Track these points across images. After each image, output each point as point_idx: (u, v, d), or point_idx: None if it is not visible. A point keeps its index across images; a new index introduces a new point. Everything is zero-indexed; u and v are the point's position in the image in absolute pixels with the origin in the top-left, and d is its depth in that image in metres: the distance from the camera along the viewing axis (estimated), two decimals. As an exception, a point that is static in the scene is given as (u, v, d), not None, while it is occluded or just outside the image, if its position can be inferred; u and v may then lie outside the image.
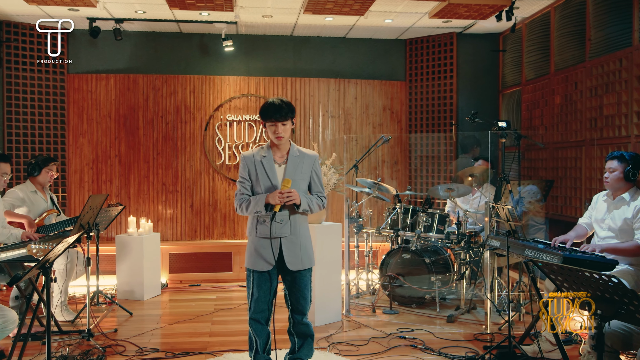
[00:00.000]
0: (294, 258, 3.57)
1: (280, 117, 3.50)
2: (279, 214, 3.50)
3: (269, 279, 3.61)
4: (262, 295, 3.59)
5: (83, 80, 7.37)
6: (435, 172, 7.70)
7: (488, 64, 7.68)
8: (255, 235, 3.60)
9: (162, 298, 6.38)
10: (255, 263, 3.59)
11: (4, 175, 4.71)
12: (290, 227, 3.56)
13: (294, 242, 3.58)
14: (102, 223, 5.61)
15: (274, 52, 7.68)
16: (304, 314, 3.68)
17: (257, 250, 3.57)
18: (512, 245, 4.18)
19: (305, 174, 3.64)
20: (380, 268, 5.93)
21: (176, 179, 7.52)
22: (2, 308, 3.57)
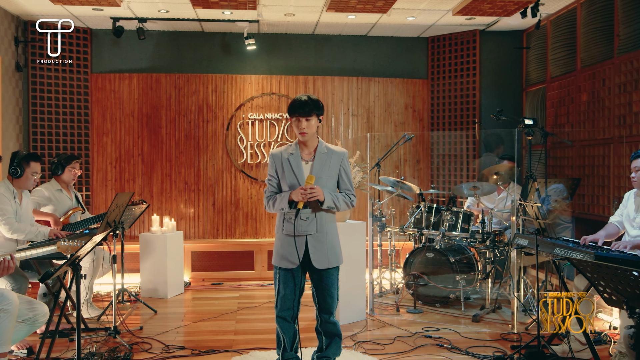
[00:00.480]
0: (320, 256, 3.55)
1: (304, 112, 3.49)
2: (303, 211, 3.49)
3: (294, 276, 3.59)
4: (288, 292, 3.57)
5: (106, 79, 7.41)
6: (458, 170, 7.64)
7: (511, 61, 7.59)
8: (282, 233, 3.59)
9: (185, 296, 6.41)
10: (280, 260, 3.59)
11: (34, 175, 4.76)
12: (317, 225, 3.54)
13: (320, 240, 3.55)
14: (126, 221, 5.66)
15: (295, 50, 7.67)
16: (330, 312, 3.66)
17: (283, 247, 3.56)
18: (541, 243, 4.12)
19: (332, 171, 3.60)
20: (404, 267, 5.90)
21: (198, 178, 7.53)
22: (33, 302, 3.60)
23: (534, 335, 4.66)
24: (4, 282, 4.30)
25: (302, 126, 3.51)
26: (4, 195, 4.55)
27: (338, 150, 3.67)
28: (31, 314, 3.52)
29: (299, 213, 3.42)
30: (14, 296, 3.36)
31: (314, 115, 3.52)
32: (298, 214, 3.42)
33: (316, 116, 3.54)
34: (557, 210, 5.66)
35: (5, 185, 4.64)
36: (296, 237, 3.51)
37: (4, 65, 6.42)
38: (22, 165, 4.66)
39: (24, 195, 4.81)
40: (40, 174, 4.85)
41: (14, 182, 4.69)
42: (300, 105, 3.49)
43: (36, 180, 4.80)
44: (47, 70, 7.06)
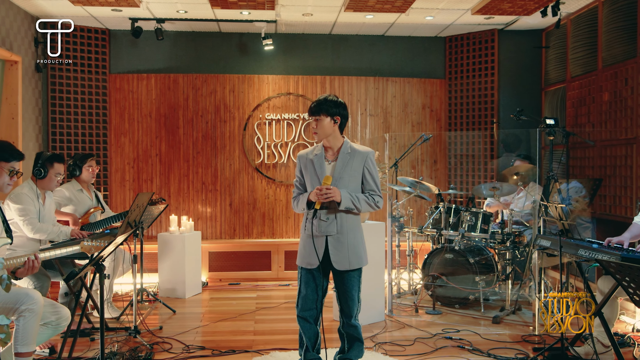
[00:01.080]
0: (340, 257, 3.52)
1: (312, 113, 3.55)
2: (322, 212, 3.49)
3: (315, 277, 3.58)
4: (309, 293, 3.56)
5: (124, 80, 7.45)
6: (476, 170, 7.59)
7: (530, 60, 7.53)
8: (304, 233, 3.59)
9: (203, 296, 6.43)
10: (302, 260, 3.59)
11: (58, 176, 4.79)
12: (337, 226, 3.51)
13: (340, 241, 3.53)
14: (145, 221, 5.65)
15: (312, 50, 7.66)
16: (351, 315, 3.63)
17: (305, 247, 3.57)
18: (564, 245, 4.08)
19: (355, 171, 3.58)
20: (423, 267, 5.87)
21: (215, 178, 7.55)
22: (56, 305, 3.62)
23: (556, 337, 4.62)
24: (27, 281, 4.33)
25: (313, 126, 3.57)
26: (27, 195, 4.59)
27: (362, 150, 3.63)
28: (54, 317, 3.54)
29: (316, 213, 3.42)
30: (39, 296, 3.38)
31: (322, 115, 3.51)
32: (315, 214, 3.42)
33: (328, 116, 3.51)
34: (577, 209, 5.60)
35: (29, 185, 4.68)
36: (315, 237, 3.49)
37: (24, 66, 6.47)
38: (45, 166, 4.69)
39: (47, 195, 4.85)
40: (62, 176, 4.88)
41: (38, 183, 4.73)
42: (312, 106, 3.56)
43: (59, 181, 4.84)
44: (66, 71, 7.11)
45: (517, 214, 5.95)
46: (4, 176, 3.61)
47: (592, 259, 3.84)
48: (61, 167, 4.82)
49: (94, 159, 5.64)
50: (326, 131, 3.54)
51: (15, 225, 4.60)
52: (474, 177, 7.61)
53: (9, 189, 3.71)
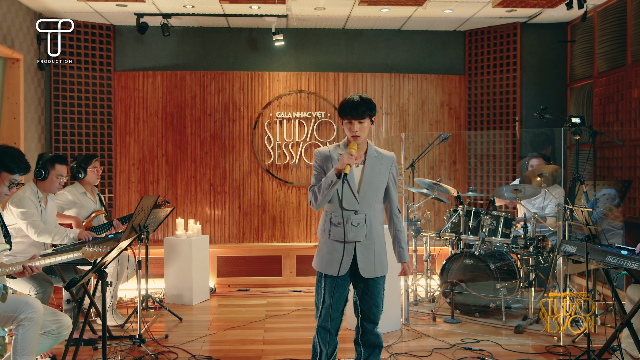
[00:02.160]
0: (368, 265, 3.50)
1: (357, 114, 3.40)
2: (353, 216, 3.45)
3: (342, 285, 3.54)
4: (335, 302, 3.52)
5: (130, 77, 7.47)
6: (497, 171, 7.52)
7: (554, 55, 7.45)
8: (328, 238, 3.53)
9: (211, 303, 6.43)
10: (327, 266, 3.51)
11: (60, 177, 4.81)
12: (366, 231, 3.49)
13: (368, 248, 3.51)
14: (151, 225, 5.67)
15: (325, 46, 7.64)
16: (375, 323, 3.62)
17: (331, 253, 3.50)
18: (591, 251, 4.02)
19: (383, 177, 3.55)
20: (441, 274, 5.83)
21: (224, 180, 7.55)
22: (57, 313, 3.62)
23: (581, 348, 4.55)
24: (28, 287, 4.35)
25: (355, 129, 3.42)
26: (29, 198, 4.61)
27: (388, 155, 3.60)
28: (54, 326, 3.54)
29: (345, 178, 3.31)
30: (38, 304, 3.39)
31: (367, 118, 3.44)
32: (344, 178, 3.31)
33: (369, 118, 3.46)
34: (609, 216, 5.52)
35: (30, 188, 4.70)
36: (346, 243, 3.46)
37: (26, 64, 6.51)
38: (46, 168, 4.71)
39: (49, 199, 4.87)
40: (66, 177, 4.89)
41: (39, 185, 4.75)
42: (353, 107, 3.40)
43: (61, 183, 4.85)
44: (69, 69, 7.15)
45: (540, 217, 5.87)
46: (2, 187, 3.62)
47: (621, 267, 3.78)
48: (63, 169, 4.84)
49: (98, 160, 5.66)
50: (366, 134, 3.50)
51: (17, 230, 4.62)
52: (494, 178, 7.55)
53: (5, 199, 3.73)
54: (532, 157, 6.18)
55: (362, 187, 3.48)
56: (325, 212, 3.57)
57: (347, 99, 3.45)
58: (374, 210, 3.53)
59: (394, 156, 3.61)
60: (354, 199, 3.47)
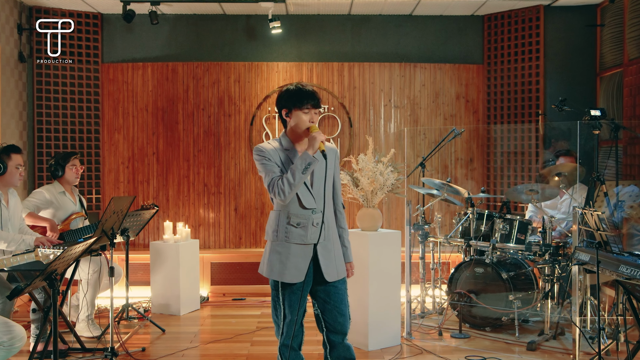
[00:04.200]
0: (330, 267, 3.45)
1: (316, 104, 3.41)
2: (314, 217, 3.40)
3: (299, 295, 3.45)
4: (295, 315, 3.44)
5: (118, 69, 7.47)
6: (519, 170, 7.37)
7: (582, 41, 7.27)
8: (285, 242, 3.42)
9: (202, 313, 6.39)
10: (287, 273, 3.37)
11: (19, 167, 4.78)
12: (325, 231, 3.45)
13: (328, 249, 3.47)
14: (132, 228, 5.66)
15: (328, 33, 7.56)
16: (344, 333, 3.51)
17: (288, 258, 3.38)
18: (603, 259, 3.86)
19: (330, 171, 3.52)
20: (449, 284, 5.70)
21: (219, 179, 7.51)
22: (9, 324, 3.59)
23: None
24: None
25: (314, 119, 3.41)
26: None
27: (332, 147, 3.60)
28: (6, 337, 3.51)
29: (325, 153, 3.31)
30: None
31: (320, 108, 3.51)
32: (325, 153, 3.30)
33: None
34: (633, 218, 5.32)
35: None
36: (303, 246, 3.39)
37: (5, 55, 6.54)
38: (3, 160, 4.67)
39: (10, 195, 4.83)
40: (23, 167, 4.86)
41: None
42: (312, 95, 3.39)
43: (21, 173, 4.82)
44: (53, 61, 7.15)
45: (559, 221, 5.72)
46: None
47: (635, 278, 3.61)
48: (20, 158, 4.80)
49: (77, 158, 5.64)
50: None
51: None
52: (516, 178, 7.39)
53: None
54: (560, 154, 6.01)
55: (315, 183, 3.44)
56: (278, 213, 3.44)
57: (299, 88, 3.41)
58: (329, 207, 3.51)
59: (336, 148, 3.67)
60: (310, 197, 3.42)
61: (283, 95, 3.43)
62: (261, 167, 3.38)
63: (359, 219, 5.21)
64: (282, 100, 3.43)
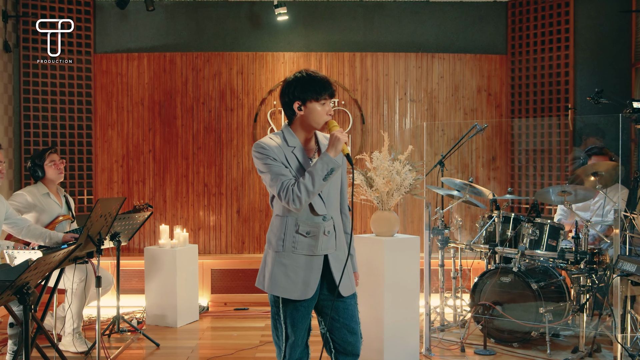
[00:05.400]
0: (346, 280, 3.16)
1: (332, 93, 3.12)
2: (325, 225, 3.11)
3: (307, 311, 3.14)
4: (300, 337, 3.12)
5: (112, 60, 7.28)
6: (546, 170, 7.12)
7: (616, 29, 7.02)
8: (292, 252, 3.10)
9: (201, 324, 6.15)
10: (294, 289, 3.06)
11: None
12: (336, 240, 3.18)
13: (340, 260, 3.18)
14: (124, 232, 5.43)
15: (339, 21, 7.36)
16: (355, 354, 3.22)
17: (296, 271, 3.07)
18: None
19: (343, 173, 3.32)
20: (472, 294, 5.44)
21: (220, 179, 7.32)
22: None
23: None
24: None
25: (330, 110, 3.12)
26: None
27: None
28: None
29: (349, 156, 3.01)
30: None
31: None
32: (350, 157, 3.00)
33: None
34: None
35: None
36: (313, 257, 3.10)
37: (-12, 44, 6.30)
38: None
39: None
40: (4, 163, 4.65)
41: None
42: (326, 84, 3.09)
43: (2, 171, 4.59)
44: (42, 51, 6.92)
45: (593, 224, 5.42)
46: None
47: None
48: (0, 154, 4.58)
49: (55, 152, 5.39)
50: None
51: None
52: (543, 177, 7.15)
53: None
54: (593, 153, 5.73)
55: (325, 193, 3.17)
56: (284, 219, 3.12)
57: (312, 76, 3.09)
58: (338, 212, 3.27)
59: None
60: (321, 201, 3.11)
61: (293, 84, 3.08)
62: (264, 167, 3.05)
63: (373, 223, 4.91)
64: (295, 91, 3.07)
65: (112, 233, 5.19)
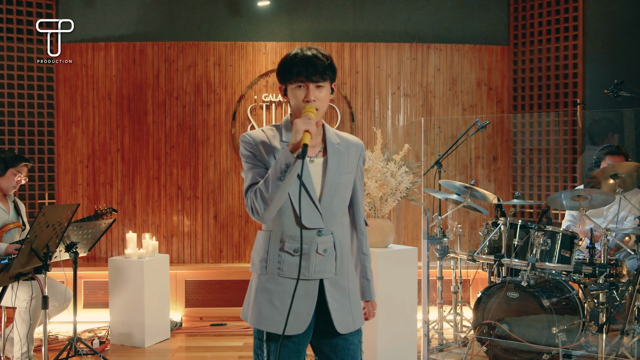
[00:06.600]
0: (344, 313, 2.64)
1: (315, 72, 2.50)
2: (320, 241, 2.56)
3: (297, 349, 2.61)
4: None
5: (76, 50, 6.94)
6: (552, 171, 6.88)
7: (628, 17, 6.80)
8: (276, 275, 2.58)
9: (172, 344, 5.73)
10: (275, 321, 2.56)
11: None
12: (336, 261, 2.62)
13: (340, 287, 2.65)
14: (83, 242, 5.01)
15: (326, 8, 7.13)
16: None
17: (281, 299, 2.55)
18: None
19: (350, 175, 2.70)
20: (475, 309, 5.05)
21: (196, 181, 7.01)
22: None
23: None
24: None
25: (311, 97, 2.52)
26: None
27: (354, 141, 2.75)
28: None
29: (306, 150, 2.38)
30: None
31: (327, 80, 2.55)
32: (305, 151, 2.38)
33: (330, 82, 2.58)
34: None
35: None
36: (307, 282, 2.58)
37: None
38: None
39: None
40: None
41: None
42: (306, 62, 2.51)
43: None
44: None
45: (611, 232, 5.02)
46: None
47: None
48: None
49: (27, 167, 5.08)
50: (326, 106, 2.62)
51: None
52: (548, 180, 6.92)
53: None
54: (608, 152, 5.42)
55: (325, 193, 2.59)
56: (268, 234, 2.63)
57: (292, 53, 2.56)
58: (342, 227, 2.71)
59: (362, 144, 2.78)
60: (316, 212, 2.57)
61: (279, 65, 2.61)
62: (244, 165, 2.60)
63: (365, 233, 4.48)
64: (278, 72, 2.61)
65: (67, 243, 4.72)
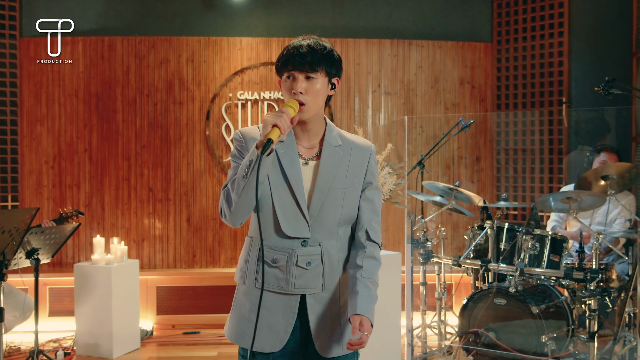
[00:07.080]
0: (325, 334, 2.40)
1: (303, 61, 2.28)
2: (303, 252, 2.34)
3: None
4: None
5: (41, 45, 6.70)
6: (537, 171, 6.80)
7: (616, 14, 6.70)
8: (254, 286, 2.37)
9: (142, 354, 5.55)
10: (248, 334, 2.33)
11: None
12: (323, 276, 2.39)
13: (325, 304, 2.41)
14: (45, 247, 4.77)
15: (304, 3, 6.98)
16: None
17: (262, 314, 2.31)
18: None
19: (353, 181, 2.43)
20: (461, 316, 4.94)
21: (168, 183, 6.84)
22: None
23: None
24: None
25: (297, 88, 2.29)
26: None
27: (362, 144, 2.49)
28: None
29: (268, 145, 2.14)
30: None
31: (321, 72, 2.31)
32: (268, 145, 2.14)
33: (326, 75, 2.34)
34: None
35: None
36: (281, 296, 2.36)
37: None
38: None
39: None
40: None
41: None
42: (297, 53, 2.30)
43: None
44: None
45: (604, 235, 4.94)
46: None
47: None
48: None
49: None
50: (319, 102, 2.36)
51: None
52: (533, 180, 6.82)
53: None
54: (602, 150, 5.36)
55: (315, 198, 2.35)
56: (249, 241, 2.44)
57: (291, 45, 2.35)
58: (336, 239, 2.42)
59: (372, 147, 2.51)
60: (302, 219, 2.34)
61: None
62: (231, 163, 2.41)
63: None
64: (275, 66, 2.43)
65: (28, 249, 4.47)
